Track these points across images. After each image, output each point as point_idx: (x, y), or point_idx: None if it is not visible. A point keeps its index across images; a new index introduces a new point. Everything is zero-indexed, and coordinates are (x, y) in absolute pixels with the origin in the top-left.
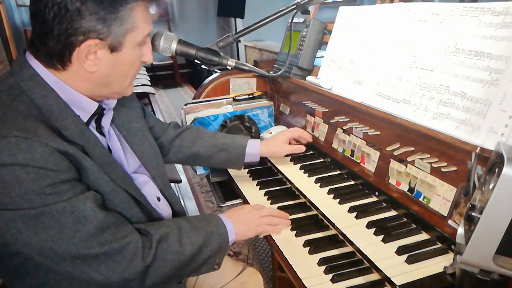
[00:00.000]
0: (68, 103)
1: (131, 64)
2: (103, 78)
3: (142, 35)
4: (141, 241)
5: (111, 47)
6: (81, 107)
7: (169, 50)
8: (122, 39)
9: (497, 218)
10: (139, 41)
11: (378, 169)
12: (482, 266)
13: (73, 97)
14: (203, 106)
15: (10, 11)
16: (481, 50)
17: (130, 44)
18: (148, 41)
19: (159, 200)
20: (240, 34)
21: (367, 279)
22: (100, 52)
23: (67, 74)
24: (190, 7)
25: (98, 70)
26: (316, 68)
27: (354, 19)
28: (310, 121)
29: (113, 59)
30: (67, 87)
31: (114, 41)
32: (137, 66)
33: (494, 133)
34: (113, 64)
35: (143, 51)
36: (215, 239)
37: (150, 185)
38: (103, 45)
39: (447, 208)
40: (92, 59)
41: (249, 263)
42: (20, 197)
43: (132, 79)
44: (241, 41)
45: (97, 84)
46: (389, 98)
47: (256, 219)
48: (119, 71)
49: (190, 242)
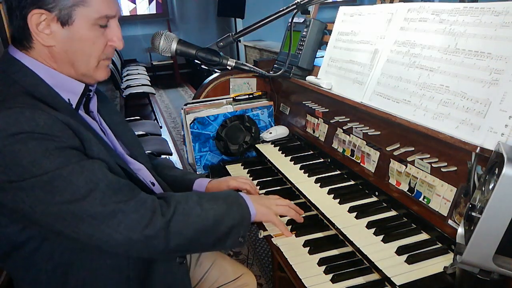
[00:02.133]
0: (56, 90)
1: (91, 42)
2: (63, 55)
3: (98, 14)
4: (157, 200)
5: (61, 20)
6: (69, 90)
7: (169, 50)
8: (71, 11)
9: (497, 218)
10: (94, 18)
11: (378, 169)
12: (482, 266)
13: (58, 80)
14: (203, 106)
15: None
16: (481, 50)
17: (82, 20)
18: (113, 24)
19: (154, 185)
20: (240, 34)
21: (367, 279)
22: (52, 26)
23: (36, 53)
24: (190, 7)
25: (55, 45)
26: (316, 68)
27: (354, 19)
28: (310, 121)
29: (66, 33)
30: (51, 70)
31: (62, 13)
32: (100, 46)
33: (494, 133)
34: (68, 39)
35: (109, 35)
36: (236, 208)
37: (144, 171)
38: (51, 17)
39: (447, 208)
40: (47, 32)
41: (249, 263)
42: (31, 164)
43: (97, 60)
44: (241, 41)
45: (62, 62)
46: (389, 98)
47: (274, 207)
48: (78, 48)
49: (211, 207)
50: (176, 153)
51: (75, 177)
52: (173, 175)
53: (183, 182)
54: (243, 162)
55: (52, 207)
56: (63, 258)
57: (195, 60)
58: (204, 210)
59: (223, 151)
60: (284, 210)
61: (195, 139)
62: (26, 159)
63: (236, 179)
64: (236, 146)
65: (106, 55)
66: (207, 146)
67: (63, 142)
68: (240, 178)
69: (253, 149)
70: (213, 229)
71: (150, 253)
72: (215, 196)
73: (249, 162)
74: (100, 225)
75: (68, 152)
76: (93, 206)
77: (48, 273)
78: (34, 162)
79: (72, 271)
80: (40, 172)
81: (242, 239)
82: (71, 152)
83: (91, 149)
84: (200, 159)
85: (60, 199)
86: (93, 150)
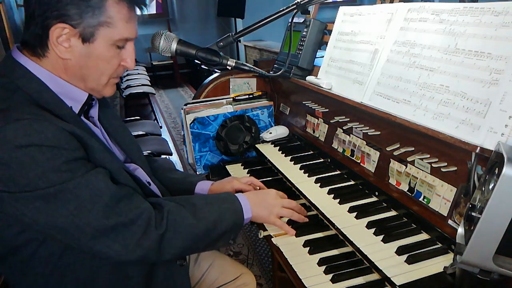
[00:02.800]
0: (60, 96)
1: (106, 61)
2: (77, 69)
3: (119, 36)
4: (153, 211)
5: (83, 37)
6: (72, 98)
7: (169, 50)
8: (94, 31)
9: (497, 218)
10: (115, 40)
11: (378, 169)
12: (482, 266)
13: (63, 88)
14: (203, 106)
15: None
16: (481, 50)
17: (103, 39)
18: (129, 47)
19: (150, 185)
20: (240, 34)
21: (367, 279)
22: (72, 40)
23: (48, 62)
24: (190, 7)
25: (71, 58)
26: (316, 68)
27: (354, 19)
28: (310, 121)
29: (85, 50)
30: (57, 79)
31: (85, 30)
32: (114, 66)
33: (494, 133)
34: (86, 56)
35: (124, 56)
36: (229, 215)
37: (139, 171)
38: (74, 33)
39: (447, 208)
40: (65, 45)
41: (249, 263)
42: (37, 177)
43: (108, 78)
44: (241, 41)
45: (73, 75)
46: (389, 98)
47: (278, 208)
48: (92, 65)
49: (203, 216)
50: (176, 153)
51: (80, 191)
52: (175, 178)
53: (185, 185)
54: (243, 162)
55: (56, 219)
56: (61, 261)
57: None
58: (196, 219)
59: (223, 151)
60: (288, 214)
61: (195, 139)
62: (34, 172)
63: (240, 180)
64: (236, 146)
65: (117, 73)
66: (207, 146)
67: (70, 155)
68: (244, 179)
69: (253, 149)
70: (204, 237)
71: (143, 262)
72: (210, 201)
73: (249, 162)
74: (101, 238)
75: (74, 164)
76: (97, 219)
77: (45, 277)
78: (42, 175)
79: (70, 273)
80: (47, 185)
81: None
82: (77, 164)
83: (94, 157)
84: (200, 159)
85: (64, 212)
86: (95, 157)
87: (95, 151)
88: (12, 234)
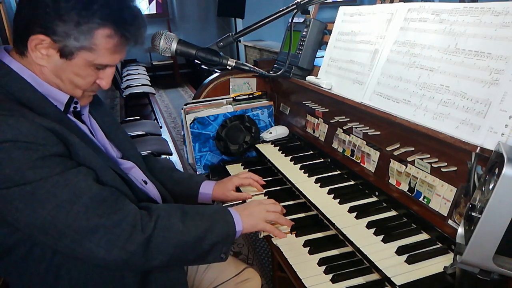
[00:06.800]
0: (45, 95)
1: (81, 78)
2: (51, 76)
3: (100, 62)
4: (139, 213)
5: (61, 53)
6: (55, 98)
7: (169, 50)
8: (75, 51)
9: (497, 218)
10: (94, 63)
11: (378, 169)
12: (482, 266)
13: (44, 88)
14: (203, 106)
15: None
16: (481, 50)
17: (83, 60)
18: (109, 70)
19: (146, 184)
20: (240, 34)
21: (367, 279)
22: (50, 51)
23: (27, 62)
24: (190, 7)
25: (46, 66)
26: (316, 68)
27: (354, 19)
28: (310, 121)
29: (61, 63)
30: (38, 79)
31: (65, 48)
32: (89, 83)
33: (494, 133)
34: (60, 68)
35: (101, 75)
36: (221, 225)
37: (135, 170)
38: (54, 47)
39: (447, 208)
40: (43, 52)
41: (249, 263)
42: (14, 173)
43: (82, 91)
44: (241, 41)
45: (49, 80)
46: (389, 98)
47: (263, 213)
48: (67, 77)
49: (194, 224)
50: (176, 153)
51: (59, 190)
52: (181, 177)
53: (190, 184)
54: (243, 162)
55: (35, 219)
56: (54, 260)
57: (195, 60)
58: (186, 226)
59: (223, 151)
60: (274, 217)
61: (195, 139)
62: (9, 168)
63: (238, 176)
64: (236, 146)
65: (91, 89)
66: (207, 146)
67: (47, 150)
68: (242, 174)
69: (253, 149)
70: (194, 245)
71: (129, 268)
72: (201, 211)
73: (249, 162)
74: (82, 240)
75: (52, 160)
76: (76, 220)
77: (40, 275)
78: (17, 172)
79: (65, 272)
80: (23, 181)
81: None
82: (55, 160)
83: (77, 154)
84: (200, 159)
85: (42, 212)
86: (78, 154)
87: (77, 148)
88: (4, 234)
